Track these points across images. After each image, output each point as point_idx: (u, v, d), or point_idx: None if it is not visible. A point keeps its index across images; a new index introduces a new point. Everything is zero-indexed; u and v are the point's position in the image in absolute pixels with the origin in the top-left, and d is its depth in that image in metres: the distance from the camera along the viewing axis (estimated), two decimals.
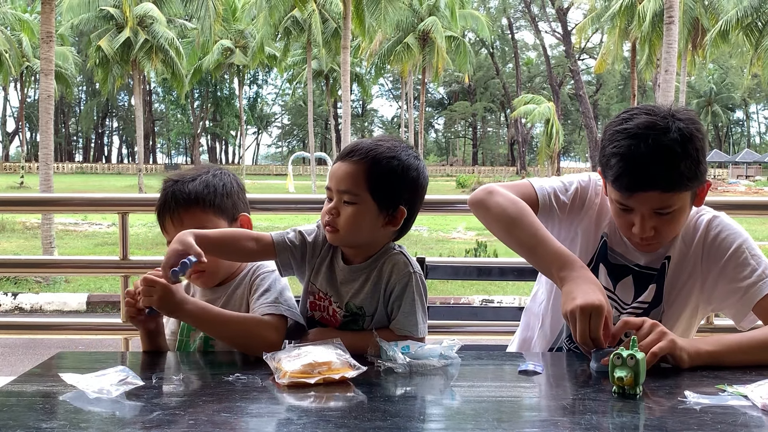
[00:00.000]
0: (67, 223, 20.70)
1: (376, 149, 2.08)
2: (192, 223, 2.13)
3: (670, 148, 1.99)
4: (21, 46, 41.28)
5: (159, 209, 2.22)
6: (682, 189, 2.03)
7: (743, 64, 36.99)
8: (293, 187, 35.58)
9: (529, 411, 1.57)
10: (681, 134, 2.00)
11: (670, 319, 2.19)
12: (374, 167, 2.06)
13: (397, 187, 2.08)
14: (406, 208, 2.10)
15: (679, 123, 2.02)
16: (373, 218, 2.08)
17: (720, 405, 1.59)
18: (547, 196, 2.29)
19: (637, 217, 2.08)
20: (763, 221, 21.24)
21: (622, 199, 2.07)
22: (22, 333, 4.43)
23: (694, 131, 2.03)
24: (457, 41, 40.35)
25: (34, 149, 63.71)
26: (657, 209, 2.05)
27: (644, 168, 1.99)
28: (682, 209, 2.09)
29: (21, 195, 7.65)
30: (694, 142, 2.02)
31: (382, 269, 2.11)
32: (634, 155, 2.00)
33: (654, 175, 1.99)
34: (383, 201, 2.07)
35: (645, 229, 2.08)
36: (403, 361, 1.84)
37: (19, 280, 12.22)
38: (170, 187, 2.22)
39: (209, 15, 33.43)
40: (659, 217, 2.07)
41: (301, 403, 1.62)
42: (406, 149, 2.13)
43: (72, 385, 1.67)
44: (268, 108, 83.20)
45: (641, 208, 2.06)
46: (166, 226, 2.21)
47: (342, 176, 2.07)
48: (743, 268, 2.14)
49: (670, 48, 14.90)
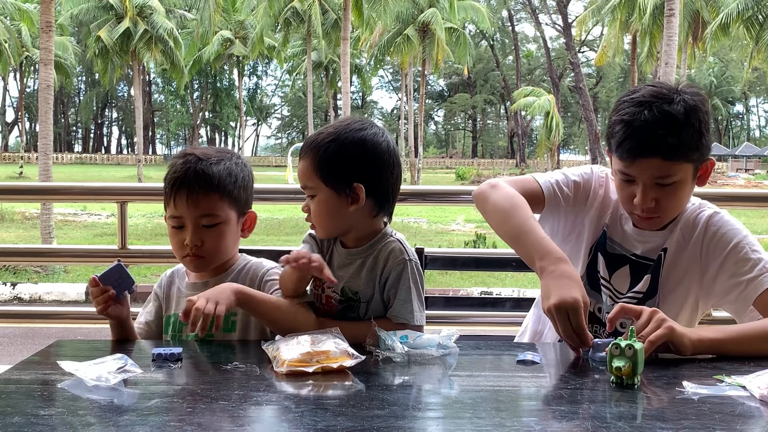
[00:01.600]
0: (66, 214, 20.69)
1: (316, 138, 2.12)
2: (206, 207, 2.13)
3: (673, 115, 2.03)
4: (20, 36, 41.24)
5: (175, 182, 2.14)
6: (683, 158, 2.06)
7: (743, 57, 36.99)
8: (292, 178, 35.57)
9: (527, 400, 1.57)
10: (685, 104, 2.05)
11: (666, 312, 2.19)
12: (316, 157, 2.09)
13: (343, 167, 2.08)
14: (364, 182, 2.09)
15: (684, 95, 2.07)
16: (335, 204, 2.10)
17: (718, 395, 1.59)
18: (551, 188, 2.32)
19: (638, 187, 2.11)
20: (762, 214, 21.28)
21: (625, 167, 2.10)
22: (20, 322, 4.44)
23: (699, 104, 2.08)
24: (457, 33, 40.28)
25: (33, 139, 63.60)
26: (658, 178, 2.08)
27: (646, 133, 2.03)
28: (683, 182, 2.10)
29: (20, 184, 7.65)
30: (698, 114, 2.06)
31: (378, 256, 2.12)
32: (637, 121, 2.04)
33: (656, 140, 2.03)
34: (336, 185, 2.09)
35: (646, 200, 2.10)
36: (402, 351, 1.84)
37: (18, 270, 12.22)
38: (193, 163, 2.14)
39: (209, 6, 33.42)
40: (660, 189, 2.10)
41: (299, 391, 1.62)
42: (350, 125, 2.12)
43: (70, 373, 1.67)
44: (267, 99, 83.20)
45: (643, 177, 2.09)
46: (177, 202, 2.13)
47: (300, 174, 2.14)
48: (744, 263, 2.15)
49: (670, 41, 14.89)
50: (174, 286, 2.31)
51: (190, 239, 2.13)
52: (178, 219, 2.15)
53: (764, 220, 20.55)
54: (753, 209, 19.28)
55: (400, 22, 38.05)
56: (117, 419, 1.43)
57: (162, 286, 2.34)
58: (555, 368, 1.91)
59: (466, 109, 76.35)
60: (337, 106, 57.35)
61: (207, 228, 2.14)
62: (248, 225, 2.27)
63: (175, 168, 2.16)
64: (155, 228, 18.17)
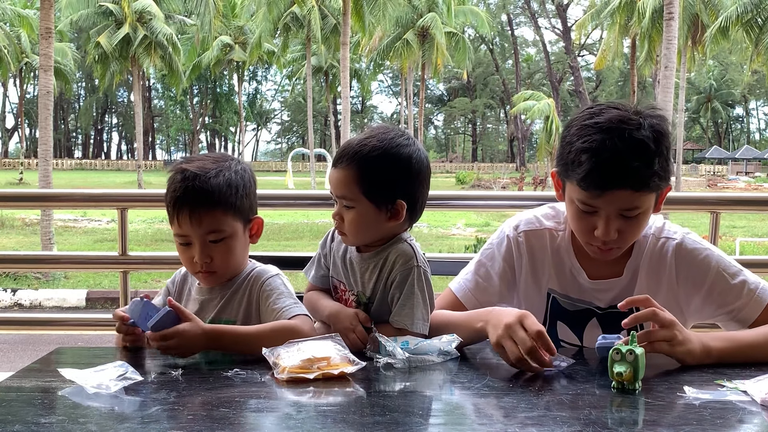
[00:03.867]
0: (67, 220, 20.71)
1: (362, 150, 2.07)
2: (210, 224, 2.08)
3: (645, 143, 1.89)
4: (20, 42, 41.28)
5: (175, 202, 2.09)
6: (652, 188, 1.94)
7: (743, 60, 37.02)
8: (293, 183, 35.62)
9: (528, 406, 1.57)
10: (653, 130, 1.91)
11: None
12: (362, 170, 2.05)
13: (389, 183, 2.07)
14: (406, 199, 2.09)
15: (650, 119, 1.93)
16: (373, 217, 2.09)
17: (719, 400, 1.59)
18: (468, 294, 2.22)
19: (601, 219, 1.97)
20: (762, 217, 21.28)
21: (589, 199, 1.95)
22: (21, 329, 4.44)
23: (664, 128, 1.95)
24: (456, 37, 40.33)
25: (33, 145, 63.59)
26: (624, 210, 1.95)
27: (618, 164, 1.88)
28: (646, 212, 2.00)
29: (20, 191, 7.66)
30: (666, 140, 1.94)
31: (388, 258, 2.12)
32: (606, 151, 1.88)
33: (628, 171, 1.88)
34: (379, 200, 2.07)
35: (609, 232, 1.96)
36: (402, 357, 1.84)
37: (19, 276, 12.23)
38: (191, 180, 2.07)
39: (209, 11, 33.45)
40: (624, 220, 1.97)
41: (299, 398, 1.62)
42: (395, 139, 2.09)
43: (71, 381, 1.67)
44: (267, 104, 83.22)
45: (608, 209, 1.95)
46: (181, 221, 2.09)
47: (336, 183, 2.10)
48: (728, 292, 2.07)
49: (669, 44, 14.90)
50: (187, 285, 2.29)
51: (199, 257, 2.10)
52: (184, 237, 2.11)
53: (764, 223, 20.55)
54: (753, 213, 19.32)
55: (399, 26, 38.12)
56: (118, 427, 1.43)
57: (175, 283, 2.32)
58: (556, 374, 1.91)
59: (465, 113, 76.38)
60: (337, 110, 57.36)
61: (214, 243, 2.10)
62: (255, 230, 2.23)
63: (174, 186, 2.10)
64: (155, 234, 18.17)
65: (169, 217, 2.15)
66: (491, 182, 40.51)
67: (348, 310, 2.13)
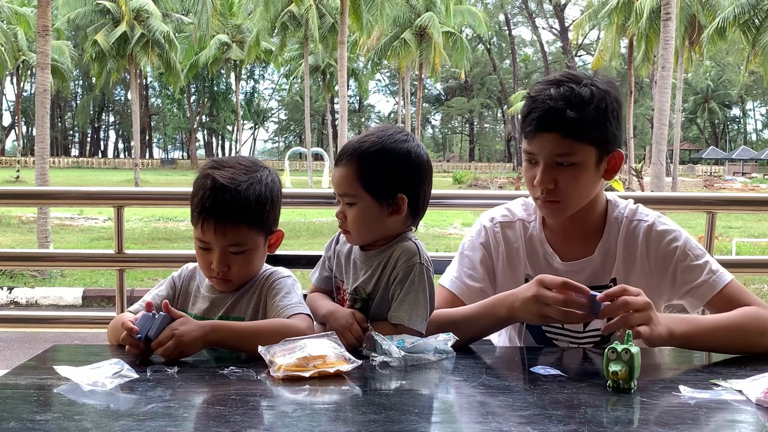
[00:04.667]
0: (63, 218, 20.69)
1: (361, 147, 2.11)
2: (234, 238, 2.08)
3: (576, 93, 2.02)
4: (17, 40, 41.22)
5: (201, 209, 2.07)
6: (583, 138, 2.04)
7: (740, 61, 37.02)
8: (290, 182, 35.59)
9: (523, 405, 1.57)
10: (594, 87, 2.05)
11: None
12: (362, 166, 2.09)
13: (389, 177, 2.10)
14: (407, 193, 2.12)
15: (596, 82, 2.08)
16: (375, 213, 2.12)
17: (714, 399, 1.59)
18: (461, 286, 2.28)
19: (539, 167, 2.09)
20: (759, 218, 21.31)
21: (527, 145, 2.10)
22: (17, 326, 4.43)
23: (609, 90, 2.08)
24: (454, 37, 40.33)
25: (30, 143, 63.41)
26: (558, 156, 2.05)
27: (549, 107, 2.02)
28: (584, 166, 2.08)
29: (17, 188, 7.65)
30: (605, 99, 2.05)
31: (392, 255, 2.12)
32: (541, 96, 2.05)
33: (555, 114, 2.02)
34: (380, 195, 2.10)
35: (545, 179, 2.07)
36: (398, 355, 1.84)
37: (15, 274, 12.21)
38: (221, 192, 2.06)
39: (206, 9, 33.44)
40: (560, 169, 2.07)
41: (295, 396, 1.62)
42: (393, 135, 2.13)
43: (66, 378, 1.67)
44: (264, 103, 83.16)
45: (543, 153, 2.07)
46: (205, 229, 2.08)
47: (338, 181, 2.13)
48: (691, 270, 2.16)
49: (667, 45, 14.91)
50: (194, 282, 2.27)
51: (217, 265, 2.09)
52: (205, 243, 2.10)
53: (761, 224, 20.58)
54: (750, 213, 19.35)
55: (397, 26, 38.12)
56: (113, 424, 1.43)
57: (182, 278, 2.30)
58: (552, 373, 1.91)
59: (463, 113, 76.37)
60: (334, 109, 57.30)
61: (235, 254, 2.10)
62: (275, 241, 2.23)
63: (203, 193, 2.08)
64: (152, 232, 18.16)
65: (192, 218, 2.14)
66: (488, 182, 40.47)
67: (344, 310, 2.14)
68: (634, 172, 28.25)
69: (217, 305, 2.18)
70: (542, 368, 1.81)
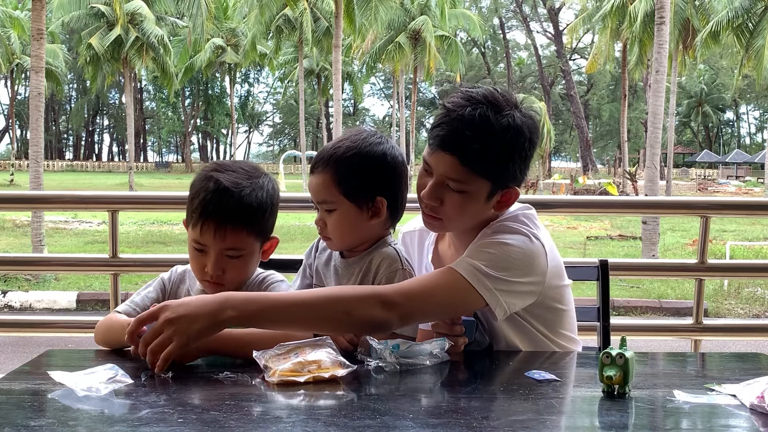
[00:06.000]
0: (57, 221, 20.64)
1: (336, 152, 2.10)
2: (232, 242, 2.07)
3: (491, 125, 1.92)
4: (10, 43, 41.15)
5: (202, 211, 2.06)
6: (481, 171, 1.96)
7: (734, 64, 37.07)
8: (284, 185, 35.56)
9: (517, 410, 1.57)
10: (511, 122, 1.94)
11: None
12: (338, 172, 2.08)
13: (366, 181, 2.10)
14: (386, 196, 2.12)
15: (516, 113, 1.97)
16: (355, 218, 2.12)
17: (709, 404, 1.59)
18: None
19: (431, 181, 2.01)
20: (752, 221, 21.35)
21: (427, 155, 2.01)
22: (11, 331, 4.41)
23: (525, 127, 1.97)
24: (448, 40, 40.32)
25: (24, 147, 63.40)
26: (450, 179, 1.97)
27: (456, 129, 1.93)
28: (473, 197, 2.00)
29: (10, 192, 7.62)
30: (518, 137, 1.96)
31: (373, 261, 2.13)
32: (455, 113, 1.95)
33: (461, 139, 1.93)
34: (359, 199, 2.10)
35: (431, 196, 2.01)
36: (393, 360, 1.84)
37: (9, 278, 12.18)
38: (223, 194, 2.06)
39: (201, 13, 33.36)
40: (449, 191, 1.99)
41: (290, 401, 1.62)
42: (367, 138, 2.12)
43: (61, 383, 1.66)
44: (259, 106, 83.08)
45: (437, 171, 1.99)
46: (204, 231, 2.06)
47: (315, 189, 2.13)
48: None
49: (660, 48, 14.91)
50: (184, 286, 2.27)
51: (212, 268, 2.08)
52: (201, 245, 2.09)
53: (755, 227, 20.62)
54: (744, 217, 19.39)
55: (391, 29, 38.06)
56: (108, 430, 1.43)
57: (172, 281, 2.29)
58: (546, 377, 1.91)
59: None
60: (329, 113, 57.27)
61: (230, 258, 2.10)
62: (268, 248, 2.22)
63: (204, 194, 2.07)
64: (146, 236, 18.12)
65: (189, 219, 2.13)
66: None
67: None
68: (628, 176, 28.30)
69: None
70: (537, 373, 1.81)
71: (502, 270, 1.95)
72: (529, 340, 2.14)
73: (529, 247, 2.02)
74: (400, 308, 1.88)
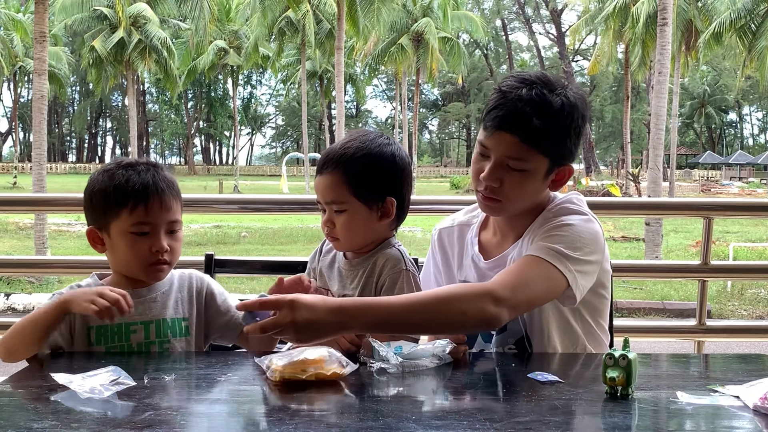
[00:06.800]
0: (60, 224, 20.65)
1: (346, 153, 2.10)
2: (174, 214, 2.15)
3: (548, 101, 1.98)
4: (13, 46, 41.19)
5: (145, 189, 2.11)
6: (540, 147, 2.00)
7: (736, 66, 37.02)
8: (287, 187, 35.59)
9: (521, 411, 1.57)
10: (566, 99, 2.01)
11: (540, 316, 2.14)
12: (349, 172, 2.08)
13: (377, 181, 2.11)
14: (395, 196, 2.13)
15: (569, 92, 2.04)
16: (365, 218, 2.12)
17: (712, 405, 1.59)
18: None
19: (489, 162, 2.05)
20: (755, 222, 21.31)
21: (484, 138, 2.05)
22: None
23: (579, 104, 2.04)
24: (451, 42, 40.31)
25: (27, 149, 63.46)
26: (510, 159, 2.02)
27: (515, 108, 1.98)
28: (533, 175, 2.05)
29: (14, 195, 7.64)
30: (573, 113, 2.02)
31: (377, 263, 2.13)
32: (512, 94, 2.00)
33: (520, 118, 1.97)
34: (369, 199, 2.11)
35: (492, 176, 2.04)
36: (396, 362, 1.84)
37: (12, 281, 12.18)
38: (154, 168, 2.17)
39: (203, 15, 33.43)
40: (509, 171, 2.03)
41: (293, 403, 1.62)
42: (376, 139, 2.14)
43: (63, 385, 1.66)
44: (262, 109, 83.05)
45: (497, 152, 2.03)
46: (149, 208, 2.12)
47: (324, 189, 2.12)
48: (541, 232, 2.07)
49: (663, 50, 14.91)
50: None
51: (160, 246, 2.12)
52: (148, 225, 2.12)
53: (758, 228, 20.59)
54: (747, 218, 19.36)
55: (394, 31, 38.07)
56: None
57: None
58: (549, 379, 1.91)
59: (460, 118, 76.39)
60: (332, 115, 57.29)
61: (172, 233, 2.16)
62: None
63: (134, 176, 2.12)
64: None
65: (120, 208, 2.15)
66: None
67: None
68: (631, 177, 28.24)
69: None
70: (540, 374, 1.81)
71: (576, 250, 2.01)
72: (570, 334, 2.16)
73: (593, 226, 2.10)
74: (508, 302, 1.89)
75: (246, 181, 48.52)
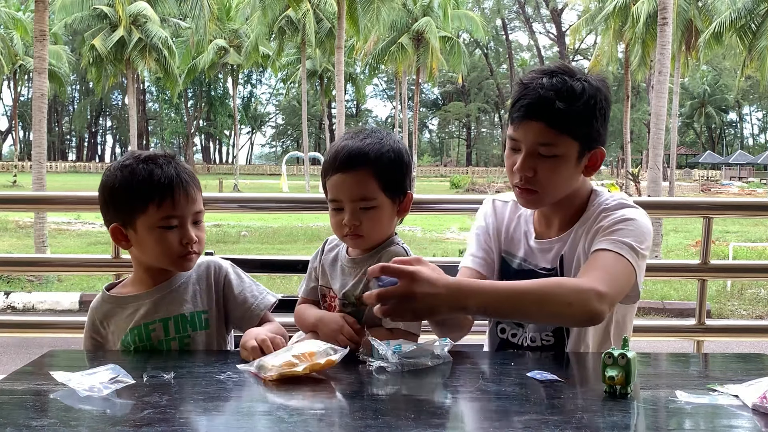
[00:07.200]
0: (60, 222, 20.66)
1: (371, 149, 2.09)
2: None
3: (569, 85, 2.04)
4: (13, 44, 41.19)
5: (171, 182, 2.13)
6: (568, 131, 2.05)
7: (737, 65, 37.00)
8: (287, 186, 35.57)
9: (519, 410, 1.57)
10: (587, 83, 2.07)
11: None
12: (378, 168, 2.09)
13: (401, 176, 2.15)
14: (412, 191, 2.19)
15: (589, 78, 2.10)
16: (390, 213, 2.15)
17: (711, 404, 1.59)
18: (483, 262, 2.34)
19: (521, 154, 2.09)
20: (755, 222, 21.32)
21: (512, 131, 2.10)
22: (14, 332, 4.40)
23: (600, 88, 2.09)
24: (451, 42, 40.31)
25: (27, 148, 63.46)
26: (541, 146, 2.06)
27: (538, 95, 2.03)
28: (565, 159, 2.08)
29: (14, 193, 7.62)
30: (595, 95, 2.06)
31: (381, 260, 2.11)
32: (533, 84, 2.06)
33: (543, 103, 2.02)
34: (395, 194, 2.14)
35: (525, 166, 2.08)
36: (395, 360, 1.83)
37: (12, 279, 12.18)
38: (175, 161, 2.19)
39: (203, 14, 33.40)
40: (541, 159, 2.07)
41: (291, 401, 1.62)
42: (390, 135, 2.18)
43: (63, 383, 1.67)
44: (262, 108, 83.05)
45: (526, 141, 2.07)
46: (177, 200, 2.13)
47: (351, 186, 2.09)
48: (604, 229, 2.09)
49: (663, 49, 14.92)
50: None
51: (189, 238, 2.13)
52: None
53: (757, 228, 20.59)
54: (746, 218, 19.37)
55: (394, 30, 38.07)
56: (110, 430, 1.43)
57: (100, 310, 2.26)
58: (548, 378, 1.91)
59: (460, 118, 76.43)
60: (332, 114, 57.34)
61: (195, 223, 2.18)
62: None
63: (156, 170, 2.11)
64: None
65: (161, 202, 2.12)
66: (486, 186, 40.45)
67: (333, 314, 2.15)
68: (631, 177, 28.22)
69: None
70: (539, 373, 1.81)
71: (641, 244, 2.06)
72: (603, 332, 2.19)
73: (649, 223, 2.14)
74: (608, 298, 1.91)
75: (246, 180, 48.53)
